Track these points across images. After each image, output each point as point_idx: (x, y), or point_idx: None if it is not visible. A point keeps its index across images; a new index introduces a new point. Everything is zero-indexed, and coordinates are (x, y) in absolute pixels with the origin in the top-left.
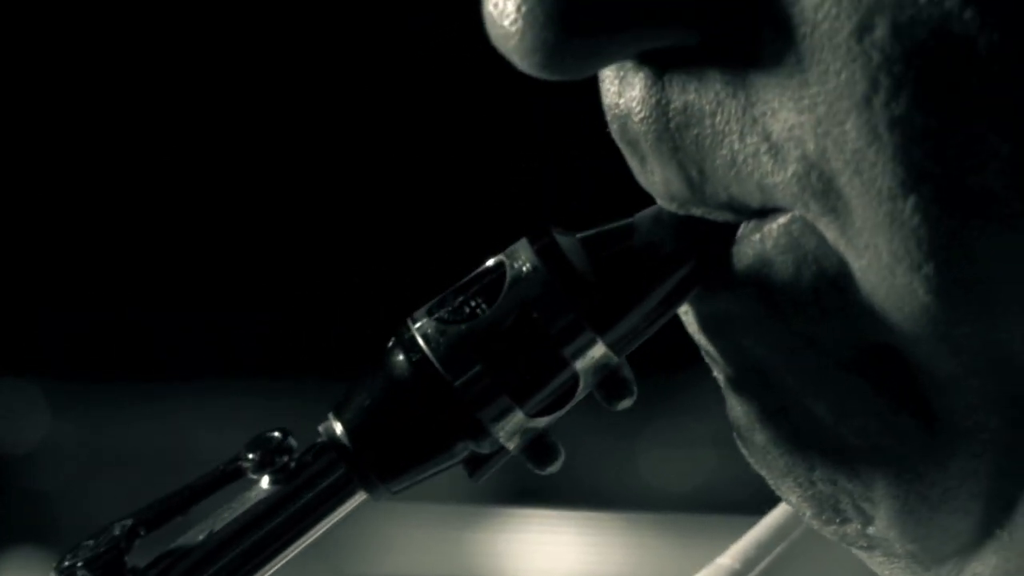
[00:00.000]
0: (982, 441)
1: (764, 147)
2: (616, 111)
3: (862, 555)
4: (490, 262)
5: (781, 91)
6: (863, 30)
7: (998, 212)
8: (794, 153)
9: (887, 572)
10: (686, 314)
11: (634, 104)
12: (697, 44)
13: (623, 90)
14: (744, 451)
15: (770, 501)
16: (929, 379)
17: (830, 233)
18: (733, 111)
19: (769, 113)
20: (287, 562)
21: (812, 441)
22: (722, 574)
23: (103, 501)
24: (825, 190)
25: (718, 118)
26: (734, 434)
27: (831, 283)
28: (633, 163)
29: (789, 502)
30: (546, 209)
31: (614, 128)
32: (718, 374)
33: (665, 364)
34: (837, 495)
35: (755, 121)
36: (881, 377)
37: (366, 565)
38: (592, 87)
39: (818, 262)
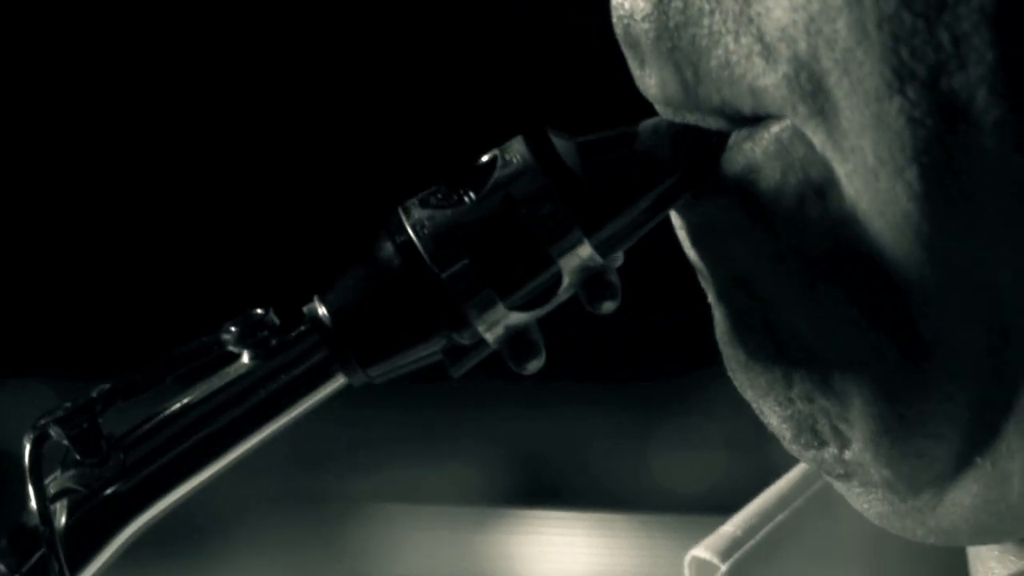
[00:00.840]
0: (962, 365)
1: (757, 48)
2: (621, 11)
3: (841, 488)
4: (485, 156)
5: None
6: None
7: (981, 119)
8: (785, 53)
9: (865, 505)
10: (681, 229)
11: (638, 3)
12: None
13: None
14: (729, 369)
15: None
16: (911, 295)
17: (818, 137)
18: (730, 10)
19: (764, 12)
20: (303, 561)
21: (793, 355)
22: (725, 541)
23: None
24: (814, 91)
25: (716, 17)
26: (721, 350)
27: (816, 190)
28: (634, 67)
29: (770, 425)
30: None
31: (619, 32)
32: (706, 287)
33: (678, 366)
34: (815, 415)
35: (750, 21)
36: (864, 291)
37: (378, 566)
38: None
39: (804, 169)
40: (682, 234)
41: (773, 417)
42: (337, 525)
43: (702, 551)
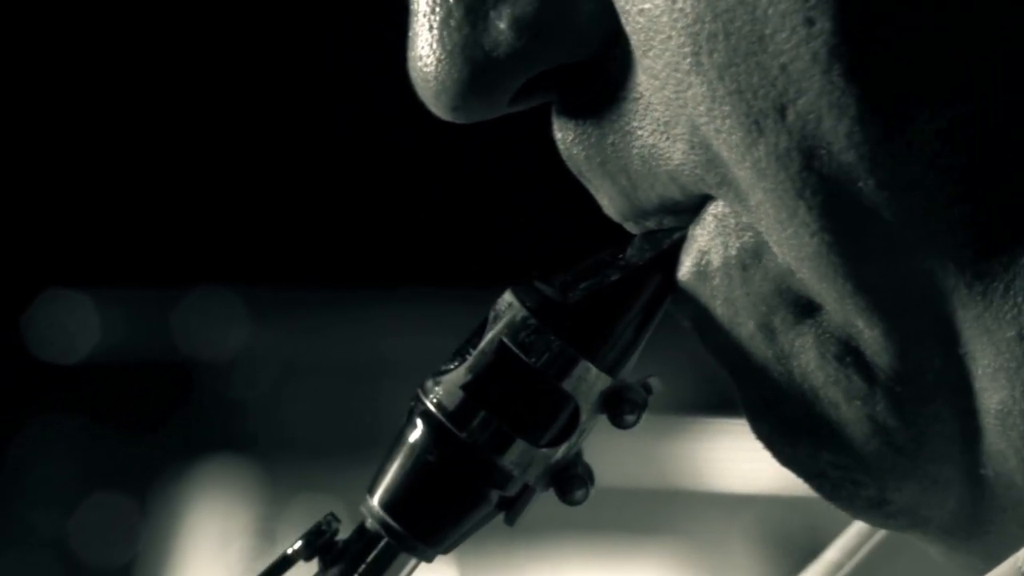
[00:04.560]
0: (930, 384)
1: (658, 134)
2: (561, 148)
3: (911, 538)
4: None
5: (651, 78)
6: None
7: (835, 136)
8: (676, 130)
9: (932, 548)
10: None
11: (565, 134)
12: (589, 59)
13: (559, 128)
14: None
15: None
16: (858, 328)
17: (732, 205)
18: (631, 108)
19: (652, 90)
20: None
21: (797, 426)
22: (825, 568)
23: (299, 410)
24: (709, 159)
25: (624, 119)
26: None
27: (753, 255)
28: (593, 193)
29: (822, 495)
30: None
31: (570, 167)
32: None
33: None
34: (842, 476)
35: (646, 111)
36: (820, 340)
37: None
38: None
39: (739, 237)
40: None
41: (818, 492)
42: None
43: None
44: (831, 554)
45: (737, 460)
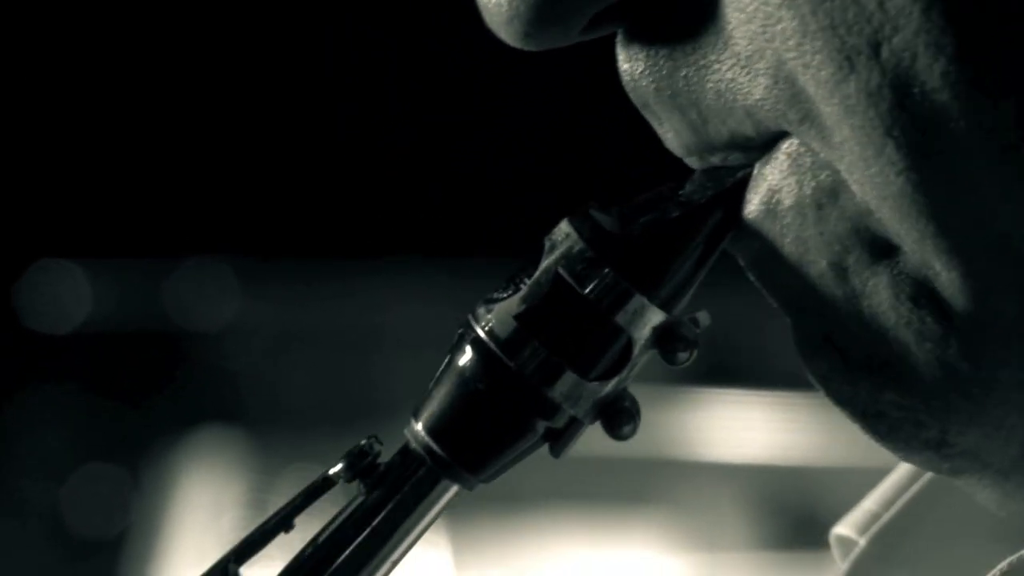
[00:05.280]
0: (1004, 329)
1: (738, 69)
2: (627, 79)
3: (961, 484)
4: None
5: (736, 11)
6: None
7: (928, 75)
8: (760, 65)
9: (981, 494)
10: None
11: (634, 65)
12: None
13: (626, 59)
14: (818, 387)
15: None
16: (935, 270)
17: (814, 142)
18: (710, 41)
19: (736, 25)
20: None
21: (860, 363)
22: (863, 516)
23: (292, 380)
24: (794, 94)
25: (700, 52)
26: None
27: (829, 194)
28: (656, 127)
29: (877, 440)
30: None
31: (633, 99)
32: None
33: None
34: (902, 417)
35: (727, 44)
36: (895, 279)
37: None
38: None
39: (815, 176)
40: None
41: (871, 432)
42: None
43: (843, 528)
44: (868, 503)
45: (728, 430)
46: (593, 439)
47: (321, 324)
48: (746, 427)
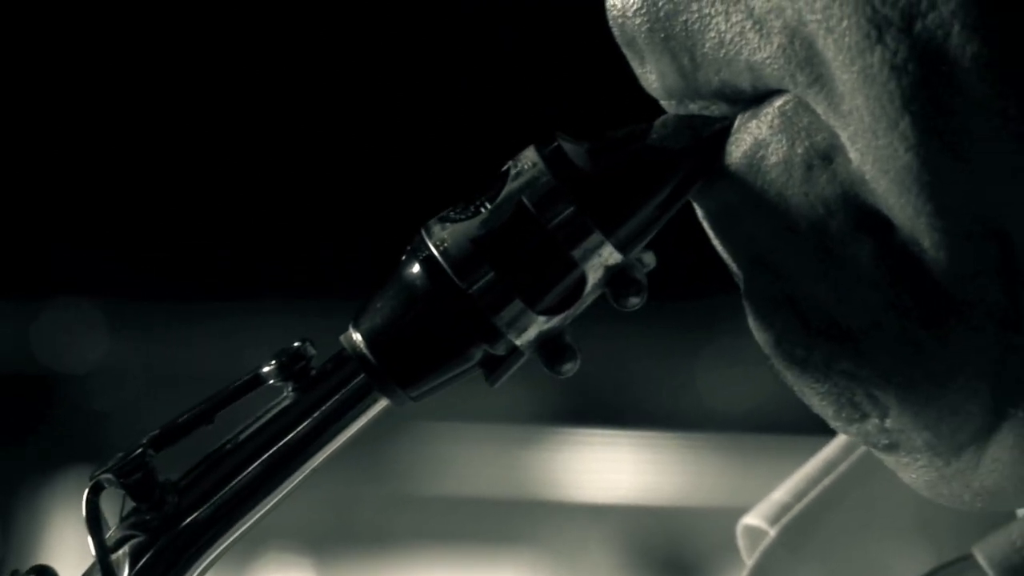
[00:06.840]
0: (981, 314)
1: (749, 24)
2: (614, 11)
3: (890, 461)
4: (502, 168)
5: None
6: None
7: (960, 56)
8: (776, 23)
9: (913, 475)
10: (702, 217)
11: (627, 0)
12: None
13: None
14: (765, 351)
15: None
16: (922, 247)
17: (820, 105)
18: None
19: None
20: (346, 485)
21: (819, 328)
22: (773, 507)
23: (159, 422)
24: (808, 57)
25: (706, 1)
26: (753, 334)
27: (823, 156)
28: (635, 65)
29: (812, 405)
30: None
31: (616, 32)
32: (732, 270)
33: (723, 284)
34: (851, 387)
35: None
36: (878, 250)
37: (424, 485)
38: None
39: (810, 137)
40: (704, 222)
41: (813, 397)
42: (383, 443)
43: (752, 518)
44: (779, 495)
45: (595, 470)
46: (459, 477)
47: (190, 366)
48: (613, 467)
